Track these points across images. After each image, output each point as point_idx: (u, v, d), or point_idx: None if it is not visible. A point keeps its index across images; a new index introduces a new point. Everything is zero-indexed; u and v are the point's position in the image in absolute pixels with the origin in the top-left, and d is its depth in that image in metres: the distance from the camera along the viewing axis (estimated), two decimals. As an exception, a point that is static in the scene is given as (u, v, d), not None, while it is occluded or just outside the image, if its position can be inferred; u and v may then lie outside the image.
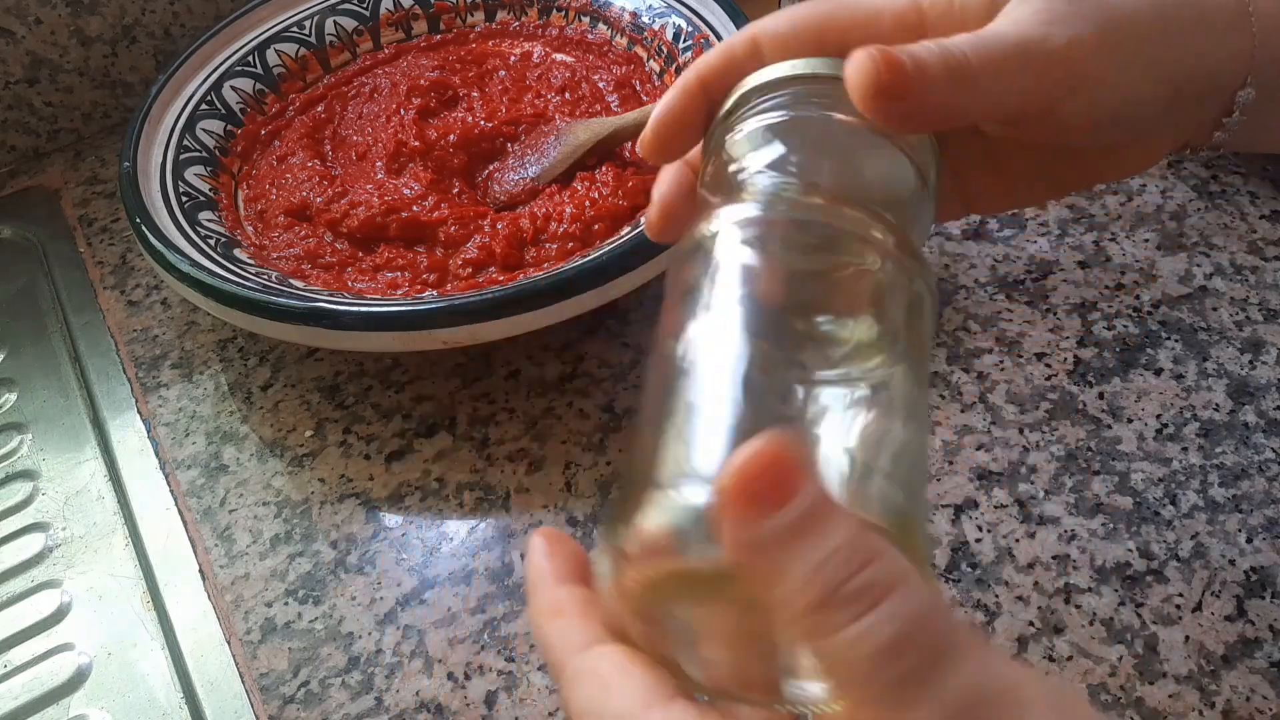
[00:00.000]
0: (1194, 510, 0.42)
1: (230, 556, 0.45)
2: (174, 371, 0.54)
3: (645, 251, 0.46)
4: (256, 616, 0.43)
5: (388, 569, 0.44)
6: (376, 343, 0.46)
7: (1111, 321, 0.50)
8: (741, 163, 0.26)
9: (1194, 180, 0.56)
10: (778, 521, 0.17)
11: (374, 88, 0.63)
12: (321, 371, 0.52)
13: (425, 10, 0.67)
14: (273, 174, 0.58)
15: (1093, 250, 0.53)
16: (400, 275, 0.51)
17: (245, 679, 0.41)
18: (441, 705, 0.39)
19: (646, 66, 0.63)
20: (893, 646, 0.17)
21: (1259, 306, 0.50)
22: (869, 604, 0.17)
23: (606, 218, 0.51)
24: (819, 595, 0.17)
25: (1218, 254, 0.52)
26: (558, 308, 0.45)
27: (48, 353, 0.56)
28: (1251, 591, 0.40)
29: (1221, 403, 0.46)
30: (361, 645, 0.41)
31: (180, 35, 0.70)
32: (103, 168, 0.67)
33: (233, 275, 0.48)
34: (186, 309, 0.57)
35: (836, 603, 0.17)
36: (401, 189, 0.54)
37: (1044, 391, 0.47)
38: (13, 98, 0.67)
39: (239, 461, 0.49)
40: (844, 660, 0.17)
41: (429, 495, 0.46)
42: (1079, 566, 0.41)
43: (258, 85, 0.62)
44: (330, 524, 0.46)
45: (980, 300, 0.51)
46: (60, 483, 0.49)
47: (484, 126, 0.58)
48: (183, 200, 0.54)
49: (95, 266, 0.60)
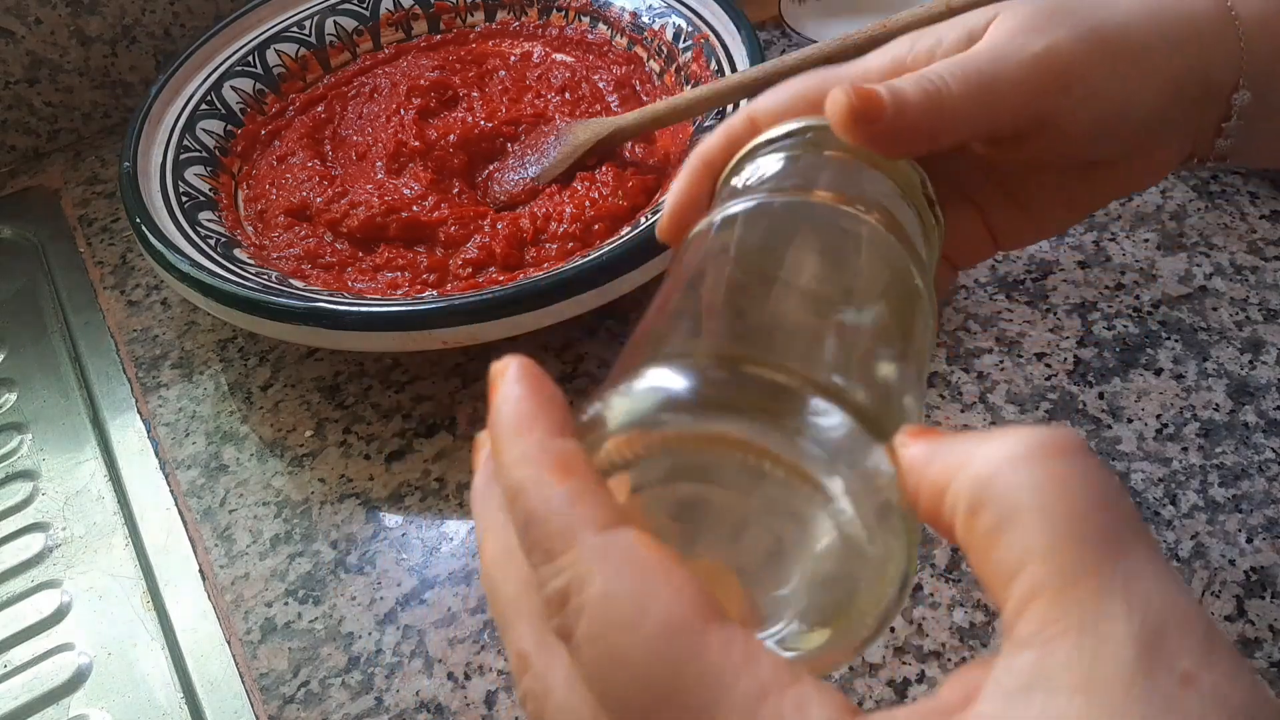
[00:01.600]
0: (1194, 510, 0.42)
1: (230, 556, 0.45)
2: (174, 371, 0.54)
3: (645, 252, 0.46)
4: (256, 616, 0.43)
5: (388, 569, 0.44)
6: (376, 343, 0.46)
7: (1111, 321, 0.50)
8: (745, 180, 0.28)
9: (1194, 180, 0.56)
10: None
11: (374, 88, 0.63)
12: (321, 371, 0.52)
13: (425, 10, 0.67)
14: (273, 174, 0.58)
15: (1093, 250, 0.53)
16: (400, 275, 0.51)
17: (245, 679, 0.41)
18: (441, 705, 0.39)
19: (646, 66, 0.63)
20: (1100, 499, 0.17)
21: (1259, 306, 0.50)
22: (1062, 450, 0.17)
23: (606, 218, 0.51)
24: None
25: (1218, 254, 0.52)
26: (558, 308, 0.45)
27: (48, 353, 0.56)
28: (1251, 591, 0.40)
29: (1221, 403, 0.46)
30: (361, 645, 0.41)
31: (180, 35, 0.70)
32: (103, 168, 0.67)
33: (233, 275, 0.48)
34: (186, 309, 0.57)
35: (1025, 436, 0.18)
36: (401, 189, 0.54)
37: (1044, 391, 0.47)
38: (13, 98, 0.67)
39: (239, 461, 0.49)
40: (1043, 497, 0.17)
41: (429, 495, 0.47)
42: (1079, 566, 0.41)
43: (258, 85, 0.62)
44: (330, 524, 0.46)
45: (980, 300, 0.51)
46: (60, 483, 0.49)
47: (484, 126, 0.58)
48: (183, 200, 0.54)
49: (95, 266, 0.60)
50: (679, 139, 0.57)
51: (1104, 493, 0.17)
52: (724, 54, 0.57)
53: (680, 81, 0.60)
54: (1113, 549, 0.16)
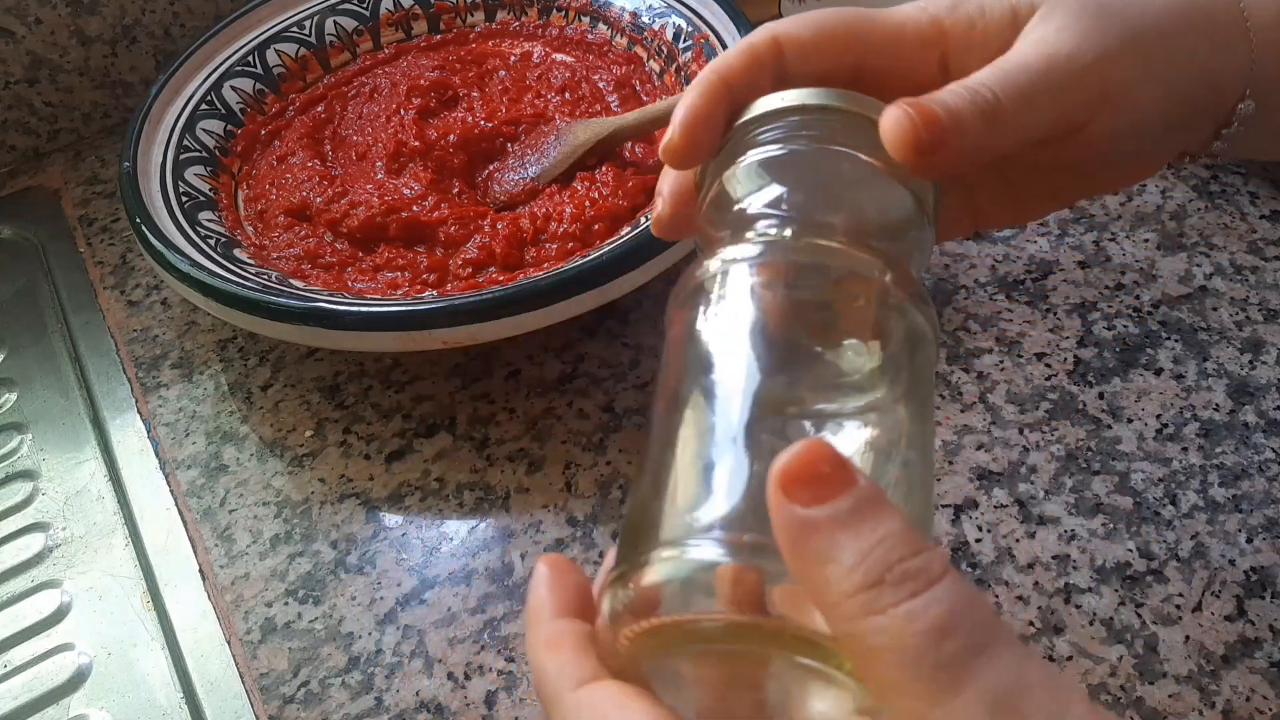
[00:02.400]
0: (1194, 510, 0.42)
1: (230, 556, 0.45)
2: (174, 371, 0.54)
3: (645, 251, 0.46)
4: (256, 616, 0.43)
5: (388, 569, 0.44)
6: (376, 343, 0.46)
7: (1111, 321, 0.50)
8: (741, 201, 0.26)
9: (1194, 180, 0.56)
10: (836, 506, 0.18)
11: (374, 88, 0.63)
12: (321, 371, 0.52)
13: (425, 10, 0.67)
14: (273, 174, 0.58)
15: (1093, 250, 0.53)
16: (400, 275, 0.51)
17: (245, 679, 0.41)
18: (441, 705, 0.39)
19: (646, 66, 0.63)
20: (943, 626, 0.17)
21: (1259, 306, 0.50)
22: (923, 585, 0.18)
23: (606, 218, 0.51)
24: (874, 574, 0.18)
25: (1218, 254, 0.52)
26: (558, 308, 0.45)
27: (48, 353, 0.56)
28: (1251, 591, 0.40)
29: (1221, 403, 0.46)
30: (361, 645, 0.41)
31: (180, 35, 0.70)
32: (103, 168, 0.67)
33: (233, 275, 0.48)
34: (186, 309, 0.57)
35: (890, 581, 0.18)
36: (401, 189, 0.54)
37: (1044, 391, 0.47)
38: (13, 98, 0.67)
39: (239, 461, 0.49)
40: (894, 638, 0.17)
41: (429, 495, 0.46)
42: (1079, 566, 0.41)
43: (258, 85, 0.62)
44: (330, 524, 0.46)
45: (980, 300, 0.51)
46: (60, 483, 0.49)
47: (484, 126, 0.58)
48: (183, 200, 0.54)
49: (95, 266, 0.60)
50: (679, 139, 0.57)
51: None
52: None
53: (680, 81, 0.60)
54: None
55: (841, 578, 0.18)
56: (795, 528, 0.18)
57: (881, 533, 0.18)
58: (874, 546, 0.18)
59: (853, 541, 0.18)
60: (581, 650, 0.23)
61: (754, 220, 0.25)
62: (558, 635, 0.23)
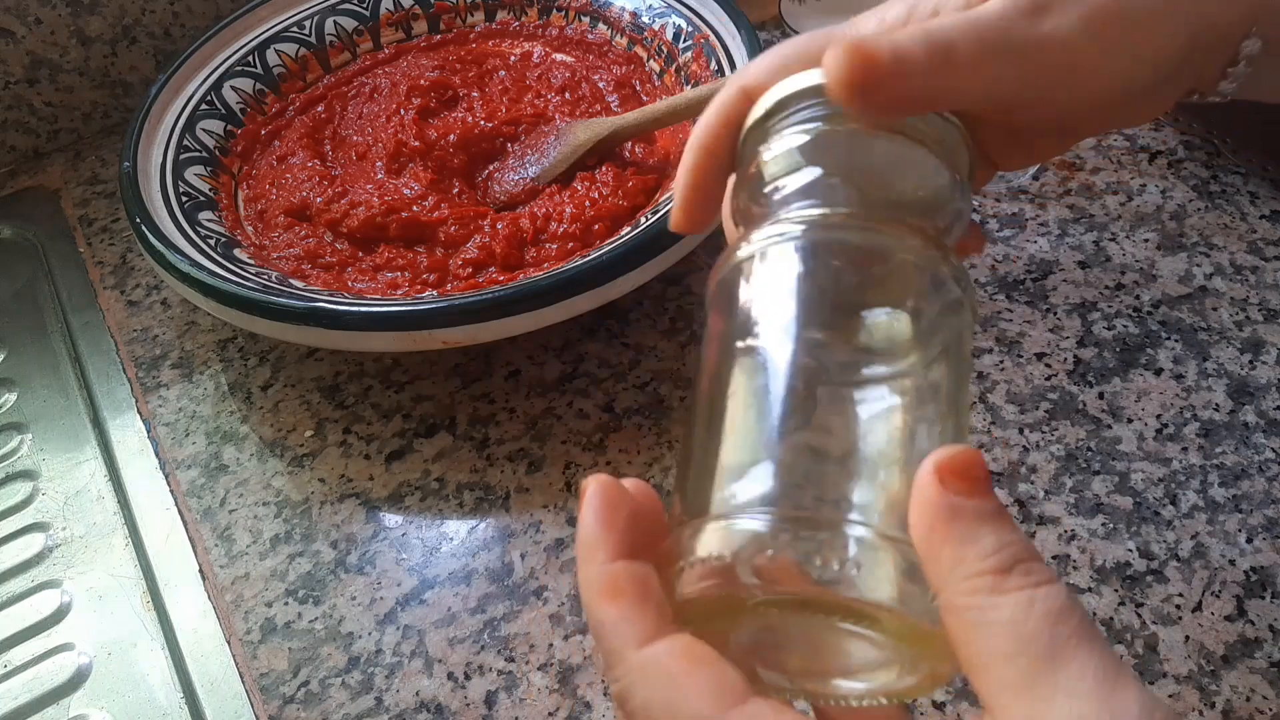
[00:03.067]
0: (1194, 510, 0.42)
1: (230, 556, 0.45)
2: (174, 371, 0.54)
3: (645, 251, 0.46)
4: (256, 616, 0.43)
5: (388, 569, 0.44)
6: (376, 343, 0.46)
7: (1111, 321, 0.50)
8: (775, 182, 0.27)
9: (1194, 180, 0.56)
10: (983, 503, 0.21)
11: (374, 88, 0.63)
12: (321, 371, 0.52)
13: (425, 10, 0.67)
14: (273, 174, 0.58)
15: (1093, 250, 0.53)
16: (400, 275, 0.51)
17: (245, 679, 0.41)
18: (441, 705, 0.39)
19: (646, 66, 0.63)
20: (1059, 612, 0.20)
21: (1259, 306, 0.50)
22: (1044, 580, 0.20)
23: (606, 218, 0.51)
24: (1005, 562, 0.20)
25: (1218, 254, 0.52)
26: (558, 308, 0.45)
27: (48, 353, 0.56)
28: (1251, 591, 0.40)
29: (1221, 403, 0.46)
30: (361, 645, 0.41)
31: (180, 35, 0.70)
32: (103, 168, 0.67)
33: (233, 275, 0.48)
34: (186, 309, 0.57)
35: (1018, 572, 0.20)
36: (401, 189, 0.54)
37: (1044, 391, 0.47)
38: (13, 98, 0.67)
39: (239, 461, 0.49)
40: (1014, 615, 0.20)
41: (429, 495, 0.47)
42: (1079, 566, 0.41)
43: (258, 85, 0.62)
44: (330, 524, 0.46)
45: (980, 300, 0.51)
46: (60, 483, 0.49)
47: (484, 126, 0.58)
48: (183, 200, 0.54)
49: (95, 266, 0.60)
50: (679, 139, 0.57)
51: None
52: (724, 54, 0.57)
53: (680, 81, 0.60)
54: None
55: (978, 558, 0.20)
56: (946, 509, 0.21)
57: (1014, 535, 0.21)
58: (1008, 543, 0.21)
59: (993, 533, 0.21)
60: (643, 600, 0.22)
61: (785, 200, 0.26)
62: (616, 582, 0.22)
